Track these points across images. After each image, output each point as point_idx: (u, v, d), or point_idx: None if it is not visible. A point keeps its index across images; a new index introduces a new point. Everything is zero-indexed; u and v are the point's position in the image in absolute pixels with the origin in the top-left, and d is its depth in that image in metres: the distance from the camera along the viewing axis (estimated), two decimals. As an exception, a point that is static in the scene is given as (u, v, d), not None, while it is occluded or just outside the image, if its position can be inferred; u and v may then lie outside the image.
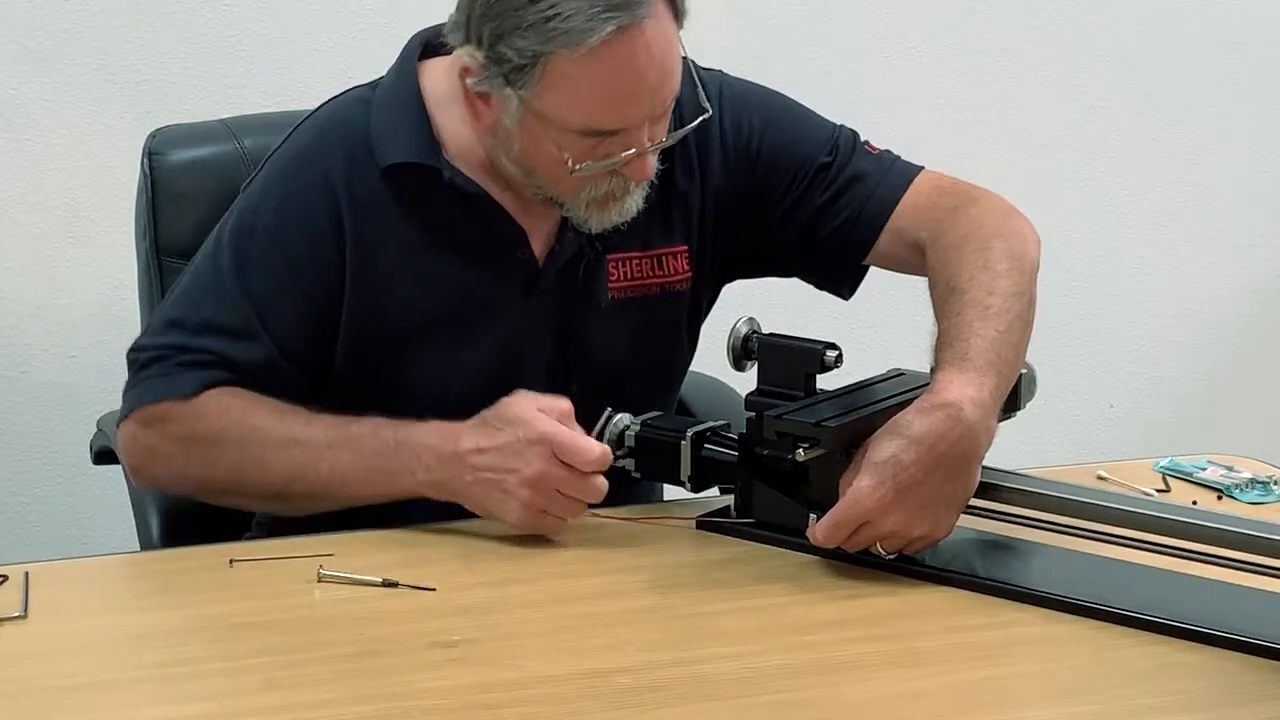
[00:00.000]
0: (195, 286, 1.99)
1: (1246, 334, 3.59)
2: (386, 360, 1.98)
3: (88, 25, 2.87)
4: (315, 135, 2.00)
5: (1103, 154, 3.44)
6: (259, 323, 1.95)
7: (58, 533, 2.95)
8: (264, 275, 1.95)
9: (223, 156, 2.27)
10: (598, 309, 2.01)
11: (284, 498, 1.92)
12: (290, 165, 1.99)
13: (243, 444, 1.91)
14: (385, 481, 1.87)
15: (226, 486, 1.94)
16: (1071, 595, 1.67)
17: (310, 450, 1.89)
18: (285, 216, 1.96)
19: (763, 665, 1.57)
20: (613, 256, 2.01)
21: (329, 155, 1.97)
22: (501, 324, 1.99)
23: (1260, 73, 3.48)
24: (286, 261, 1.95)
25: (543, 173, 1.92)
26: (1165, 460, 2.05)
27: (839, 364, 1.84)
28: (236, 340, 1.94)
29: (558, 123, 1.86)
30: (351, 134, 1.97)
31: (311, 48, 2.92)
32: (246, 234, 1.97)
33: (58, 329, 2.94)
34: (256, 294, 1.95)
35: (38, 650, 1.60)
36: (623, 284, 2.02)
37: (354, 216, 1.95)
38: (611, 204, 1.93)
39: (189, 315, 1.97)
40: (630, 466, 1.91)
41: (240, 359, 1.94)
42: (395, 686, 1.52)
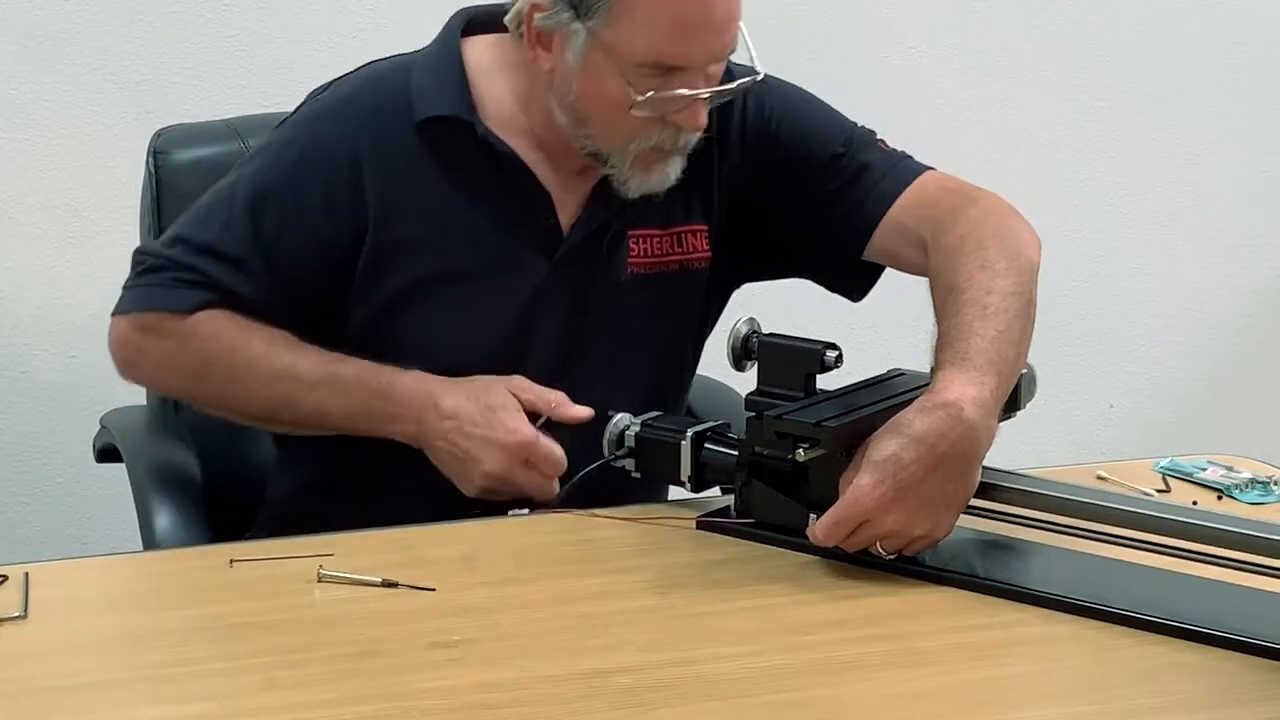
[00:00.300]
0: (207, 209, 2.04)
1: (1246, 334, 3.59)
2: (401, 314, 2.01)
3: (88, 25, 2.87)
4: (353, 89, 2.05)
5: (1103, 154, 3.44)
6: (259, 258, 2.00)
7: (58, 533, 2.95)
8: (274, 215, 2.00)
9: (227, 156, 2.28)
10: (616, 283, 2.04)
11: (268, 422, 2.06)
12: (324, 114, 2.04)
13: (229, 371, 1.99)
14: (365, 423, 1.97)
15: (211, 404, 2.05)
16: (1071, 595, 1.67)
17: (297, 385, 1.98)
18: (307, 162, 2.01)
19: (763, 665, 1.56)
20: (634, 232, 2.04)
21: (363, 108, 2.02)
22: (520, 287, 2.02)
23: (1260, 73, 3.49)
24: (298, 206, 2.00)
25: (597, 118, 1.95)
26: (1165, 460, 2.05)
27: (839, 364, 1.84)
28: (232, 270, 2.00)
29: (624, 53, 1.89)
30: (390, 90, 2.02)
31: (312, 48, 2.92)
32: (265, 172, 2.02)
33: (58, 329, 2.94)
34: (262, 231, 2.00)
35: (38, 650, 1.59)
36: (642, 260, 2.05)
37: (382, 170, 1.99)
38: (655, 165, 1.96)
39: (194, 235, 2.03)
40: (630, 466, 1.91)
41: (232, 288, 2.00)
42: (395, 686, 1.52)
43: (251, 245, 2.00)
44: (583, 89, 1.93)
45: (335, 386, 1.97)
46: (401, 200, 1.99)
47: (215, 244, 2.00)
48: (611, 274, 2.04)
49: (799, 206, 2.08)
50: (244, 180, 2.02)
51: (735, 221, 2.09)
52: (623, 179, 1.98)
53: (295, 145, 2.02)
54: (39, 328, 2.93)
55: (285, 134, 2.05)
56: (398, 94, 2.01)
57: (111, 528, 2.84)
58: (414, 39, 2.10)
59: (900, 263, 2.07)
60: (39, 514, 2.97)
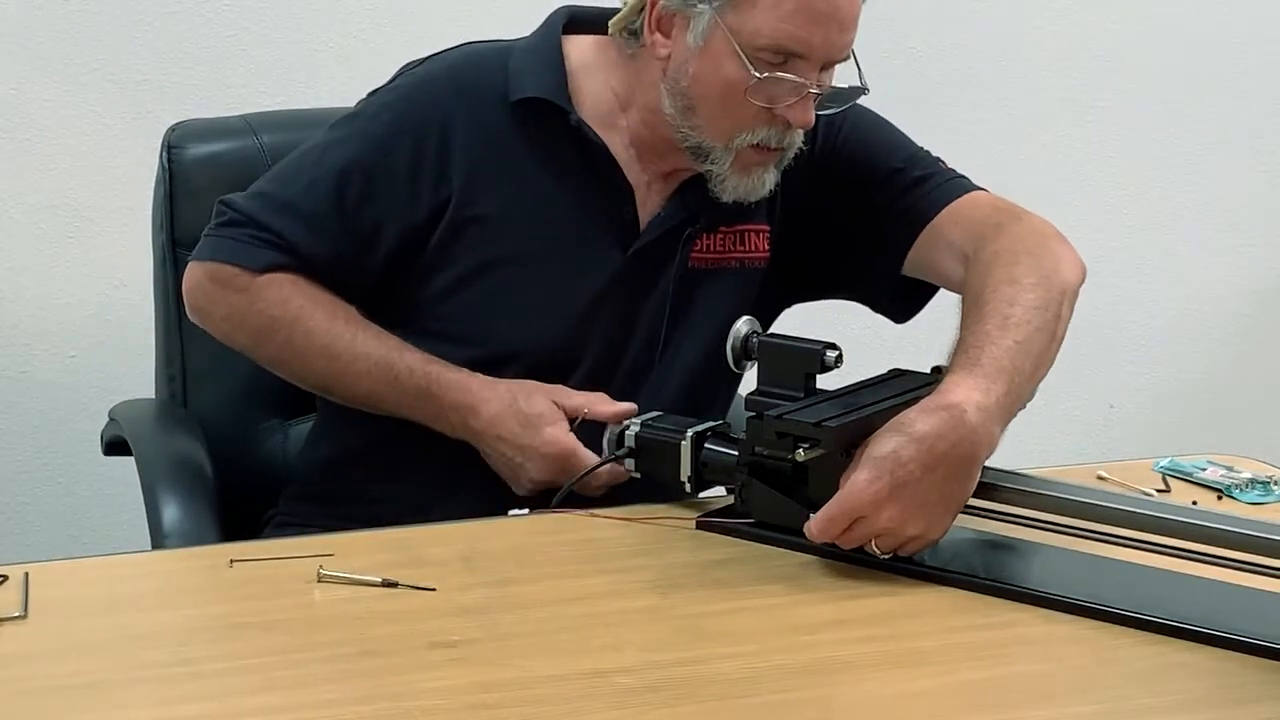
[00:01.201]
0: (295, 166, 2.08)
1: (1246, 334, 3.59)
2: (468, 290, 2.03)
3: (88, 25, 2.87)
4: (450, 64, 2.08)
5: (1103, 154, 3.44)
6: (338, 221, 2.03)
7: (58, 533, 2.95)
8: (359, 182, 2.03)
9: (241, 151, 2.30)
10: (677, 276, 2.07)
11: (323, 392, 2.10)
12: (419, 86, 2.07)
13: (290, 339, 2.04)
14: (413, 414, 2.02)
15: (269, 364, 2.10)
16: (1071, 595, 1.67)
17: (351, 367, 2.02)
18: (397, 132, 2.03)
19: (763, 665, 1.56)
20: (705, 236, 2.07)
21: (458, 83, 2.05)
22: (593, 275, 2.04)
23: (1260, 73, 3.49)
24: (385, 175, 2.02)
25: (708, 105, 1.97)
26: (1165, 460, 2.05)
27: (839, 364, 1.84)
28: (309, 229, 2.03)
29: (748, 35, 1.92)
30: (488, 69, 2.05)
31: (312, 47, 2.92)
32: (356, 138, 2.05)
33: (58, 329, 2.94)
34: (346, 196, 2.03)
35: (38, 650, 1.59)
36: (704, 255, 2.08)
37: (470, 145, 2.02)
38: (754, 167, 1.99)
39: (278, 191, 2.06)
40: (630, 466, 1.91)
41: (306, 250, 2.03)
42: (395, 686, 1.52)
43: (331, 208, 2.02)
44: (698, 72, 1.96)
45: (387, 377, 2.01)
46: (486, 177, 2.02)
47: (296, 202, 2.04)
48: (675, 268, 2.07)
49: (855, 219, 2.11)
50: (335, 143, 2.05)
51: (796, 229, 2.12)
52: (721, 178, 2.00)
53: (386, 114, 2.05)
54: (39, 328, 2.93)
55: (378, 102, 2.07)
56: (495, 73, 2.04)
57: (112, 527, 2.84)
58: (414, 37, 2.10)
59: (941, 276, 2.07)
60: (39, 514, 2.97)
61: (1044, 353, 1.85)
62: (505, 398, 1.97)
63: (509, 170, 2.02)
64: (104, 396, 2.58)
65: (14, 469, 2.96)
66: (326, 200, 2.03)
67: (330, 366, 2.03)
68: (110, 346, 2.88)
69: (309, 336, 2.03)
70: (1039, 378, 1.85)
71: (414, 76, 2.08)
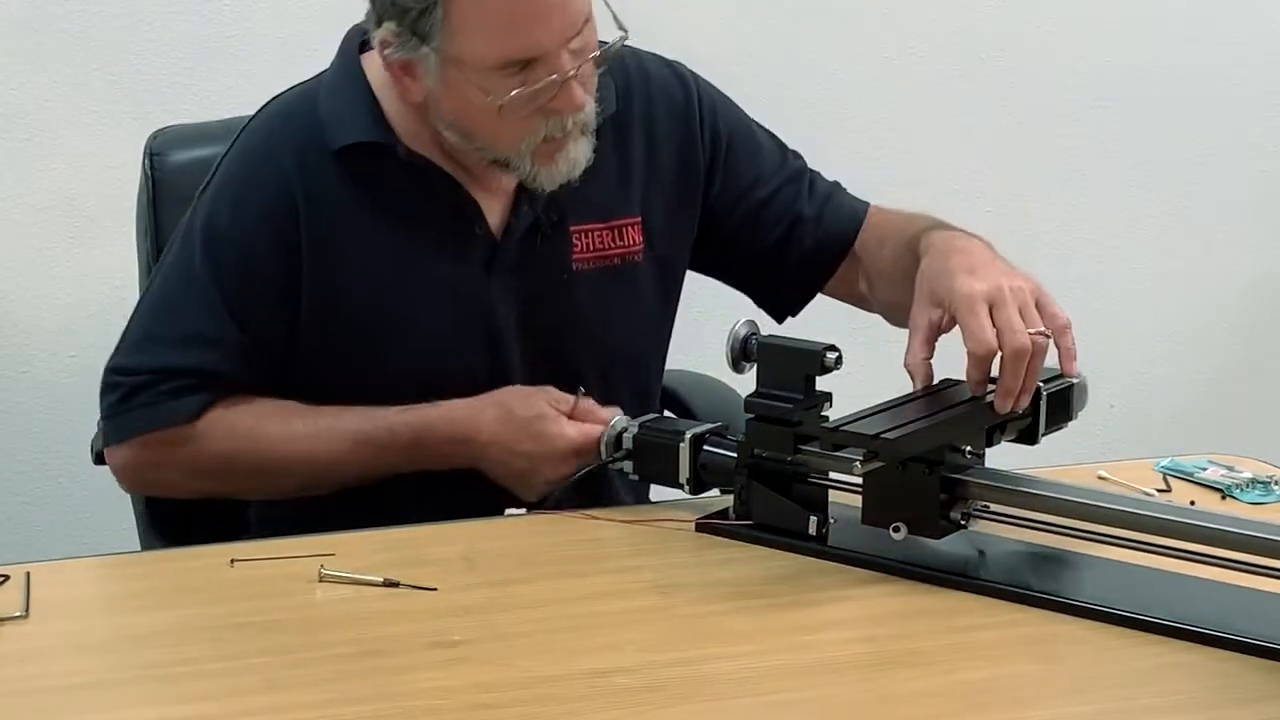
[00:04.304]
0: (169, 294, 2.00)
1: (1247, 334, 3.59)
2: (355, 346, 1.99)
3: (88, 25, 2.87)
4: (265, 131, 2.02)
5: (1103, 154, 3.44)
6: (238, 330, 1.96)
7: (58, 533, 2.95)
8: (234, 274, 1.97)
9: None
10: (563, 280, 2.04)
11: (308, 491, 2.00)
12: (244, 163, 2.01)
13: (256, 459, 1.97)
14: (410, 467, 1.96)
15: (241, 492, 2.04)
16: (1071, 596, 1.67)
17: (331, 458, 1.96)
18: (246, 216, 1.97)
19: (763, 665, 1.56)
20: (576, 228, 2.04)
21: (280, 147, 1.99)
22: (466, 300, 2.00)
23: (1261, 73, 3.49)
24: (253, 261, 1.97)
25: (478, 129, 1.93)
26: (1165, 460, 2.05)
27: (839, 365, 1.84)
28: (217, 348, 1.96)
29: (474, 63, 1.88)
30: (301, 123, 1.99)
31: (311, 48, 2.90)
32: (211, 235, 1.98)
33: (58, 329, 2.94)
34: (232, 299, 1.97)
35: (38, 650, 1.59)
36: (587, 255, 2.05)
37: (309, 205, 1.96)
38: (557, 155, 1.94)
39: (168, 329, 1.99)
40: (629, 469, 1.91)
41: (226, 372, 1.97)
42: (395, 686, 1.52)
43: (226, 317, 1.96)
44: (452, 108, 1.92)
45: (370, 447, 1.96)
46: (334, 236, 1.97)
47: (194, 329, 1.97)
48: (557, 272, 2.03)
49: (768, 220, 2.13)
50: (194, 256, 1.98)
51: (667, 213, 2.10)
52: (531, 177, 1.96)
53: (227, 203, 1.98)
54: (39, 328, 2.93)
55: (212, 200, 2.00)
56: (308, 123, 1.98)
57: (111, 527, 2.83)
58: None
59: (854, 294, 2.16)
60: (39, 514, 2.97)
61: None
62: (498, 413, 1.93)
63: (352, 224, 1.97)
64: (104, 396, 2.57)
65: (14, 469, 2.96)
66: (219, 311, 1.96)
67: (312, 467, 1.97)
68: (110, 346, 2.87)
69: (275, 449, 1.97)
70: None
71: (237, 158, 2.01)
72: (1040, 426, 1.87)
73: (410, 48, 1.89)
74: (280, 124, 2.02)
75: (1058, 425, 1.88)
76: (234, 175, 2.01)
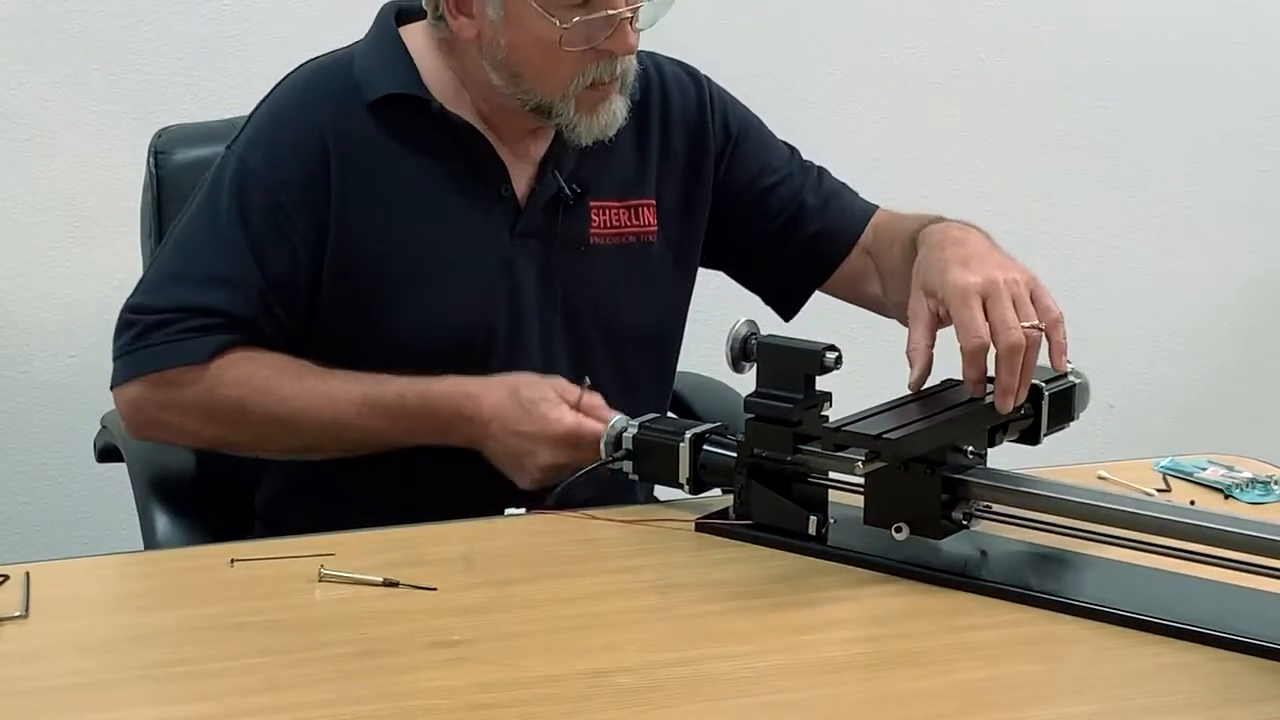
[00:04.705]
0: (193, 237, 2.02)
1: (1246, 334, 3.59)
2: (378, 298, 2.01)
3: (88, 25, 2.87)
4: (300, 86, 2.06)
5: (1103, 154, 3.44)
6: (259, 271, 1.98)
7: (58, 533, 2.95)
8: (263, 221, 1.99)
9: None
10: (580, 253, 2.07)
11: (310, 453, 2.02)
12: (279, 113, 2.04)
13: (266, 410, 1.97)
14: (419, 438, 1.97)
15: (246, 445, 2.03)
16: (1071, 596, 1.67)
17: (338, 417, 1.97)
18: (277, 161, 2.00)
19: (763, 665, 1.57)
20: (595, 204, 2.07)
21: (315, 100, 2.02)
22: (488, 261, 2.03)
23: (1261, 72, 3.49)
24: (282, 206, 1.99)
25: (531, 66, 1.97)
26: (1165, 460, 2.05)
27: (839, 365, 1.84)
28: (239, 290, 1.98)
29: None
30: (337, 78, 2.03)
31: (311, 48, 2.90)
32: (241, 182, 2.00)
33: (58, 329, 2.94)
34: (257, 241, 1.99)
35: (38, 650, 1.59)
36: (605, 230, 2.08)
37: (341, 156, 1.99)
38: (599, 104, 1.98)
39: (191, 269, 2.00)
40: (628, 469, 1.91)
41: (246, 315, 1.98)
42: (395, 686, 1.52)
43: (249, 258, 1.98)
44: (510, 40, 1.96)
45: (378, 411, 1.97)
46: (364, 186, 2.00)
47: (217, 270, 1.98)
48: (575, 243, 2.06)
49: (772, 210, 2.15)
50: (221, 200, 2.00)
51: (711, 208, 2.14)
52: (571, 126, 1.99)
53: (260, 149, 2.01)
54: (39, 328, 2.93)
55: (244, 146, 2.02)
56: (343, 80, 2.02)
57: (111, 528, 2.84)
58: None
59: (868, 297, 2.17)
60: (39, 514, 2.97)
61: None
62: (505, 388, 1.96)
63: (384, 173, 2.00)
64: (104, 396, 2.57)
65: (14, 469, 2.96)
66: (243, 254, 1.98)
67: (316, 422, 1.98)
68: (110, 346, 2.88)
69: (286, 403, 1.97)
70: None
71: (271, 110, 2.04)
72: (1042, 426, 1.88)
73: None
74: (316, 78, 2.05)
75: (1059, 425, 1.89)
76: (266, 123, 2.04)
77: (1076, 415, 1.92)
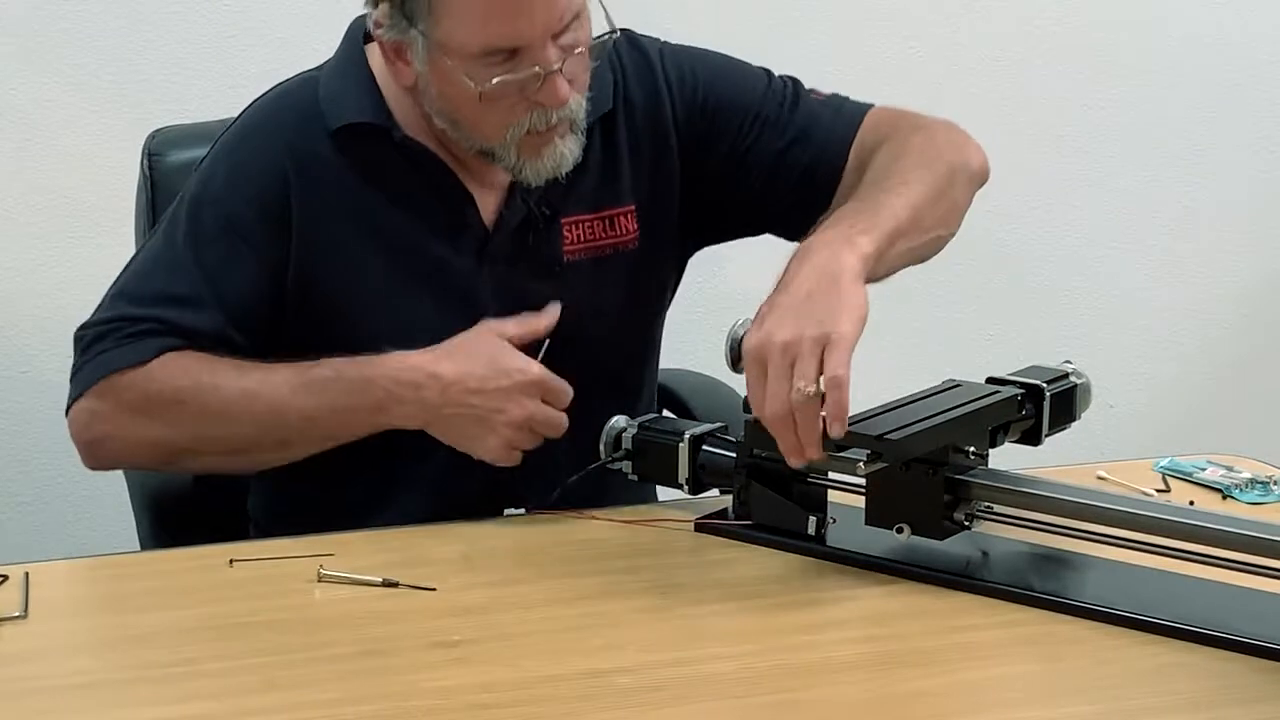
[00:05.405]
0: (146, 261, 2.00)
1: (1246, 334, 3.59)
2: (337, 327, 1.97)
3: (87, 25, 2.87)
4: (265, 111, 2.03)
5: (1104, 155, 3.44)
6: (211, 292, 1.95)
7: (58, 533, 2.95)
8: (217, 244, 1.96)
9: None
10: (552, 272, 2.02)
11: (250, 451, 1.93)
12: (240, 138, 2.02)
13: (203, 401, 1.91)
14: (356, 419, 1.90)
15: (189, 445, 1.94)
16: (1071, 596, 1.67)
17: (275, 399, 1.90)
18: (236, 185, 1.97)
19: (763, 665, 1.57)
20: (567, 220, 2.02)
21: (279, 126, 1.99)
22: (454, 289, 1.99)
23: (1261, 72, 3.49)
24: (237, 229, 1.96)
25: (463, 116, 1.93)
26: (1165, 460, 2.05)
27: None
28: (187, 308, 1.95)
29: (458, 50, 1.87)
30: (301, 105, 2.00)
31: (311, 48, 2.90)
32: (197, 205, 1.98)
33: (58, 329, 2.93)
34: (209, 263, 1.96)
35: (38, 650, 1.60)
36: (577, 246, 2.03)
37: (303, 183, 1.96)
38: (543, 149, 1.93)
39: (139, 288, 1.98)
40: (628, 469, 1.91)
41: (191, 326, 1.94)
42: (395, 686, 1.52)
43: (201, 280, 1.95)
44: (440, 92, 1.92)
45: (317, 388, 1.90)
46: (325, 213, 1.96)
47: (165, 289, 1.96)
48: (547, 264, 2.02)
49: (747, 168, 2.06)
50: (179, 225, 1.98)
51: (676, 195, 2.07)
52: (518, 170, 1.95)
53: (219, 174, 1.99)
54: (39, 327, 2.93)
55: (205, 172, 2.01)
56: (308, 105, 1.99)
57: (111, 527, 2.84)
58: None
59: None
60: (39, 514, 2.97)
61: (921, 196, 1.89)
62: (455, 350, 1.89)
63: (344, 205, 1.97)
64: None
65: (14, 469, 2.96)
66: (194, 277, 1.94)
67: (253, 407, 1.90)
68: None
69: (220, 391, 1.90)
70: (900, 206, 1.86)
71: (234, 135, 2.02)
72: (1044, 427, 1.88)
73: (400, 29, 1.90)
74: (279, 104, 2.02)
75: (1061, 426, 1.89)
76: (228, 148, 2.01)
77: (1078, 415, 1.92)
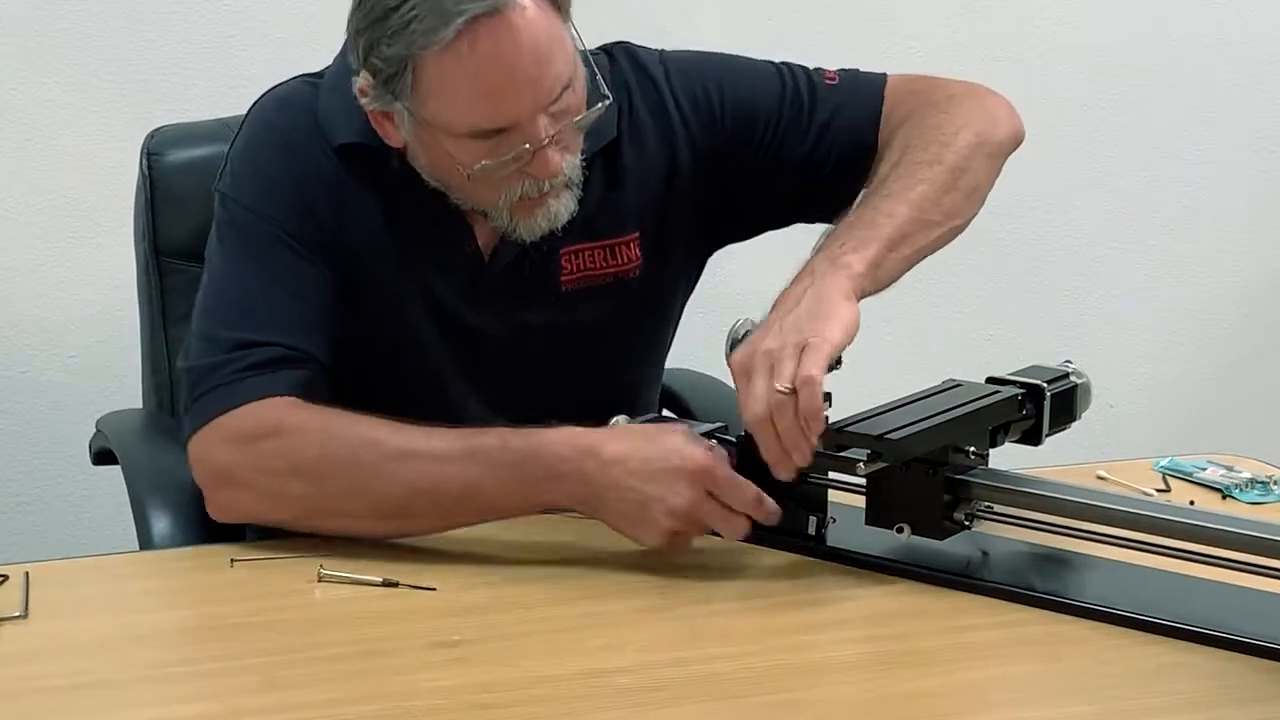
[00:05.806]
0: (219, 293, 1.92)
1: (1246, 334, 3.59)
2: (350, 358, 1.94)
3: (87, 25, 2.87)
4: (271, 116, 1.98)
5: (1103, 155, 3.43)
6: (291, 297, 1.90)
7: (58, 533, 2.95)
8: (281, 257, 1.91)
9: (221, 156, 2.26)
10: (549, 302, 1.99)
11: (405, 515, 1.81)
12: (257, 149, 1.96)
13: (356, 457, 1.80)
14: (520, 493, 1.79)
15: (336, 507, 1.81)
16: (1072, 596, 1.67)
17: (437, 462, 1.79)
18: (273, 195, 1.93)
19: (763, 665, 1.56)
20: (566, 250, 1.99)
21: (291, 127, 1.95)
22: (452, 315, 1.97)
23: (1261, 72, 3.49)
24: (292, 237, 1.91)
25: (453, 185, 1.90)
26: (1165, 460, 2.05)
27: (838, 365, 1.83)
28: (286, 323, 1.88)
29: (444, 128, 1.84)
30: (301, 112, 1.96)
31: (311, 48, 2.90)
32: (246, 225, 1.93)
33: (58, 329, 2.94)
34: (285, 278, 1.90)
35: (38, 650, 1.60)
36: (576, 276, 2.00)
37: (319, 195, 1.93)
38: (536, 210, 1.89)
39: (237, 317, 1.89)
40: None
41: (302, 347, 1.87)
42: (395, 686, 1.52)
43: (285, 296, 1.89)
44: (428, 160, 1.89)
45: (480, 458, 1.78)
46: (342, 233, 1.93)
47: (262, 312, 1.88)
48: (544, 293, 1.99)
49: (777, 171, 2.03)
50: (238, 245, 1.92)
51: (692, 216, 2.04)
52: (511, 230, 1.92)
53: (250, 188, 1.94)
54: (39, 328, 2.93)
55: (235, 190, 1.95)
56: (309, 117, 1.95)
57: (111, 527, 2.84)
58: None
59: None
60: (39, 514, 2.97)
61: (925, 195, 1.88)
62: (627, 432, 1.81)
63: (353, 221, 1.93)
64: (103, 396, 2.58)
65: (14, 469, 2.96)
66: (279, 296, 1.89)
67: (414, 467, 1.78)
68: (110, 346, 2.87)
69: (378, 446, 1.79)
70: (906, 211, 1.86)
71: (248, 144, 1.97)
72: (1044, 427, 1.88)
73: (385, 101, 1.86)
74: (282, 110, 1.98)
75: (1061, 426, 1.88)
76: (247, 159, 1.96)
77: (1078, 415, 1.92)
